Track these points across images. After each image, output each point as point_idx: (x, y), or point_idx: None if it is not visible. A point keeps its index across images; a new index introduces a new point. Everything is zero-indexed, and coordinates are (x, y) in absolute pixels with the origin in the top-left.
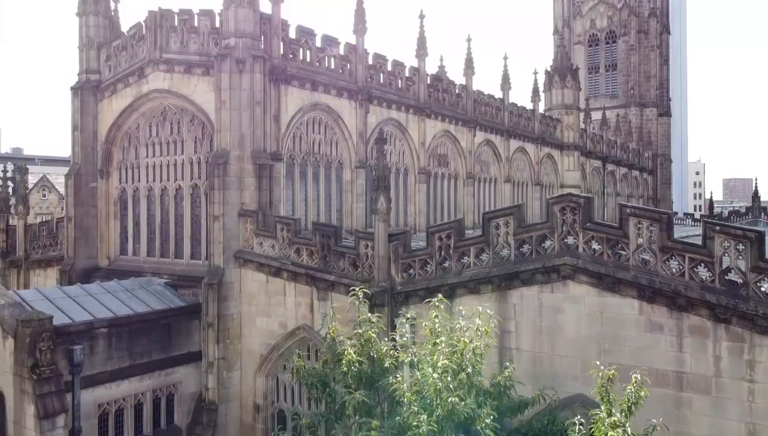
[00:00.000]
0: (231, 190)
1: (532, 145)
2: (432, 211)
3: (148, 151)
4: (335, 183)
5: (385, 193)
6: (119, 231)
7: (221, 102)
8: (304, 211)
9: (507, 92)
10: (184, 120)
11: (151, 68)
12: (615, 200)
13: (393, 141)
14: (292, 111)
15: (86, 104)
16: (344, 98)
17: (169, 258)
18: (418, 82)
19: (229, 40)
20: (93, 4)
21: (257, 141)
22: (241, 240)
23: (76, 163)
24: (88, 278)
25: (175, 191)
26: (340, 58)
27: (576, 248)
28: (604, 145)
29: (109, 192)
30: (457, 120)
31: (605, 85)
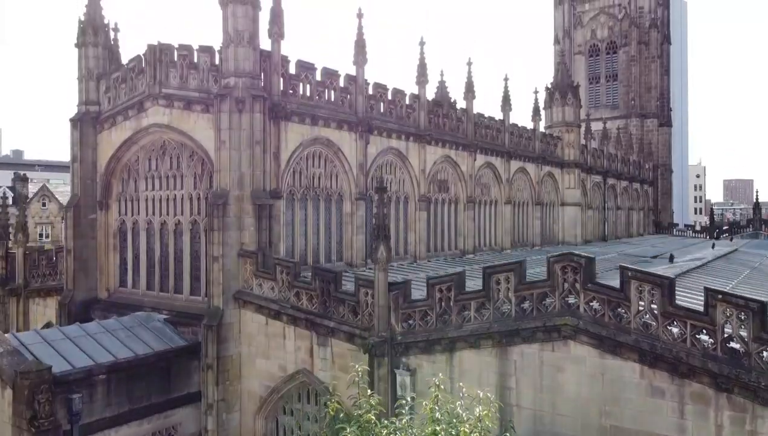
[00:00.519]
0: (230, 231)
1: (532, 164)
2: (432, 238)
3: (147, 185)
4: (335, 215)
5: (385, 243)
6: (119, 263)
7: (221, 142)
8: (304, 246)
9: (507, 113)
10: (184, 155)
11: (150, 102)
12: (616, 214)
13: (393, 170)
14: (292, 147)
15: (85, 136)
16: (344, 130)
17: (169, 293)
18: (419, 109)
19: (229, 79)
20: (92, 35)
21: (257, 180)
22: (240, 280)
23: (75, 194)
24: (88, 311)
25: (175, 226)
26: (340, 90)
27: (577, 308)
28: (604, 160)
29: (109, 224)
30: (457, 145)
31: (606, 95)
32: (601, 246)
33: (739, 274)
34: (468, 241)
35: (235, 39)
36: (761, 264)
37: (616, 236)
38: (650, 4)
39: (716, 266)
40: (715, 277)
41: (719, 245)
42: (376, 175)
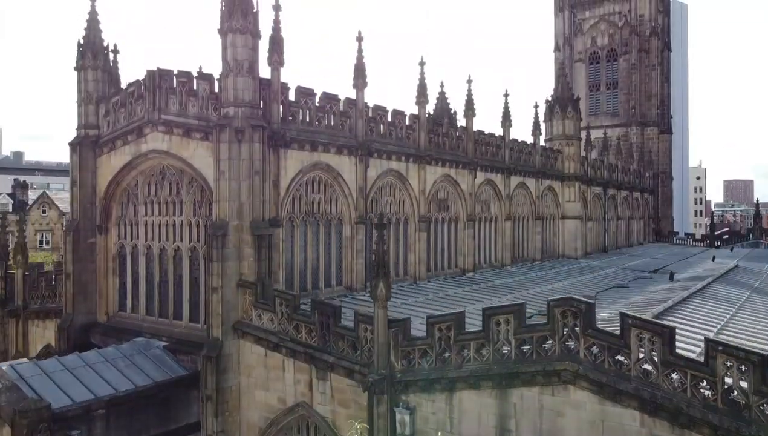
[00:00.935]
0: (229, 262)
1: (532, 179)
2: (432, 258)
3: (146, 210)
4: (335, 239)
5: (384, 280)
6: (118, 287)
7: (220, 172)
8: (304, 272)
9: (508, 129)
10: (183, 181)
11: (149, 128)
12: (616, 225)
13: (393, 191)
14: (291, 173)
15: (85, 160)
16: (344, 155)
17: (168, 319)
18: (419, 129)
19: (228, 109)
20: (92, 58)
21: (256, 210)
22: (239, 311)
23: (74, 218)
24: (87, 334)
25: (174, 252)
26: (339, 114)
27: (577, 353)
28: (605, 171)
29: (108, 248)
30: (457, 163)
31: (606, 103)
32: (601, 259)
33: (737, 300)
34: (468, 259)
35: (235, 68)
36: (761, 284)
37: (616, 246)
38: (650, 12)
39: (716, 291)
40: (716, 300)
41: (720, 255)
42: (376, 213)
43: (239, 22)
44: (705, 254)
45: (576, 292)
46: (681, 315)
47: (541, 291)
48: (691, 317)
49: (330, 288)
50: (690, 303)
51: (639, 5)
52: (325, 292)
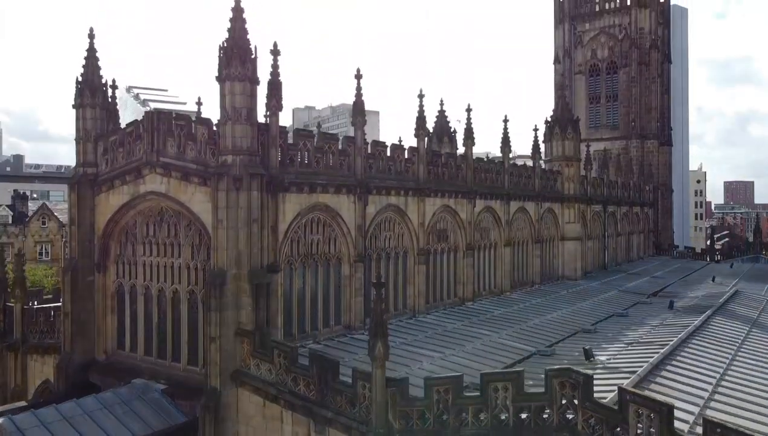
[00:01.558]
0: (228, 311)
1: (532, 203)
2: (431, 289)
3: (145, 250)
4: (333, 279)
5: (383, 340)
6: (116, 325)
7: (218, 220)
8: (303, 312)
9: (507, 155)
10: (182, 224)
11: (148, 170)
12: (616, 241)
13: (392, 226)
14: (289, 217)
15: (83, 199)
16: (342, 194)
17: (167, 360)
18: (417, 162)
19: (227, 157)
20: (90, 96)
21: (254, 258)
22: (238, 360)
23: (72, 257)
24: (85, 373)
25: (172, 294)
26: (338, 153)
27: (575, 425)
28: (604, 188)
29: (107, 286)
30: (456, 193)
31: (606, 115)
32: (601, 279)
33: (737, 340)
34: (467, 288)
35: (233, 116)
36: (760, 315)
37: (616, 263)
38: (650, 25)
39: (715, 329)
40: (715, 342)
41: (720, 272)
42: (375, 249)
43: (237, 69)
44: (705, 270)
45: (574, 322)
46: (679, 366)
47: (539, 323)
48: (689, 369)
49: (329, 328)
50: (688, 348)
51: (639, 18)
52: (324, 332)
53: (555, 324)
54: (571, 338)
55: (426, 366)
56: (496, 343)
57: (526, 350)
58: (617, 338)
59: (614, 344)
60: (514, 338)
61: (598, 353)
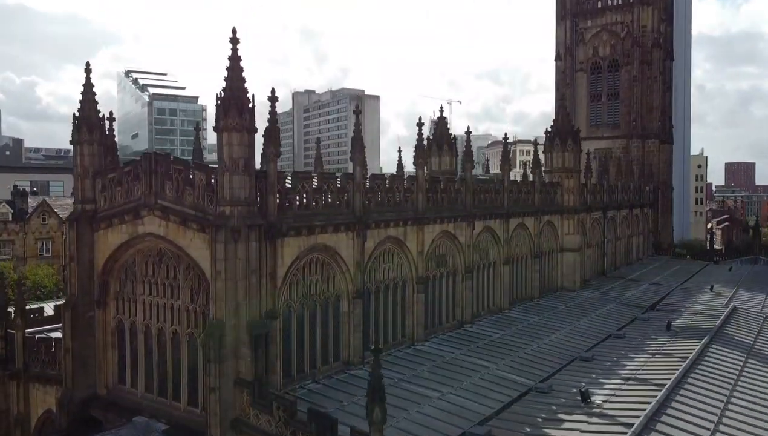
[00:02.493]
0: (227, 362)
1: (531, 218)
2: (430, 316)
3: (144, 289)
4: (332, 315)
5: (380, 405)
6: (117, 360)
7: (217, 271)
8: (301, 352)
9: (507, 173)
10: (180, 266)
11: (146, 211)
12: (615, 245)
13: (390, 257)
14: (288, 261)
15: (82, 236)
16: (341, 232)
17: (167, 399)
18: (417, 191)
19: (225, 208)
20: (87, 133)
21: (253, 309)
22: (237, 408)
23: (72, 294)
24: (87, 408)
25: (172, 335)
26: (337, 191)
27: None
28: (604, 195)
29: (107, 322)
30: (455, 218)
31: (607, 114)
32: (599, 289)
33: (734, 372)
34: (466, 311)
35: (231, 167)
36: (759, 335)
37: (615, 267)
38: (653, 23)
39: (712, 362)
40: (712, 382)
41: (718, 277)
42: (374, 282)
43: (235, 120)
44: (704, 273)
45: (571, 345)
46: (674, 417)
47: (537, 349)
48: (685, 419)
49: (328, 365)
50: (684, 391)
51: (642, 16)
52: (323, 370)
53: (552, 349)
54: (568, 368)
55: (425, 410)
56: (494, 376)
57: (524, 385)
58: (614, 370)
59: (611, 379)
60: (511, 368)
61: (594, 389)
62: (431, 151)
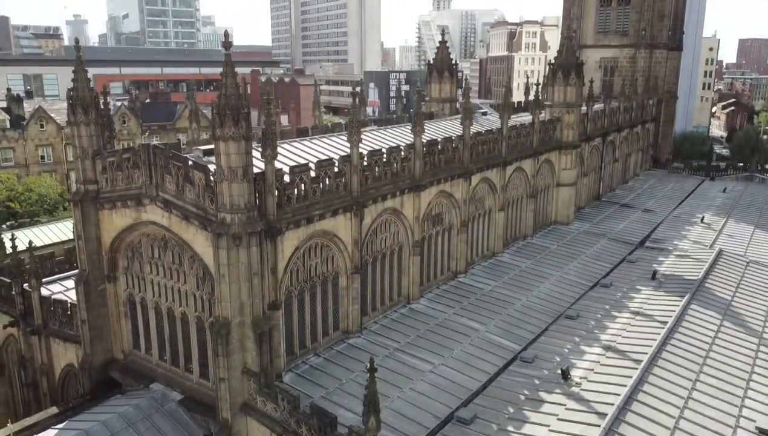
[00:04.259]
0: (234, 355)
1: (529, 160)
2: (425, 272)
3: (152, 269)
4: (331, 292)
5: (375, 416)
6: (130, 328)
7: (221, 275)
8: (303, 329)
9: (506, 122)
10: (185, 255)
11: (148, 200)
12: (613, 167)
13: (387, 227)
14: (288, 253)
15: (87, 215)
16: (339, 215)
17: (180, 370)
18: (414, 158)
19: (225, 215)
20: (83, 114)
21: (256, 307)
22: (246, 393)
23: (83, 270)
24: (106, 370)
25: (181, 315)
26: (334, 175)
27: None
28: (605, 120)
29: (118, 294)
30: (453, 176)
31: (617, 20)
32: (592, 220)
33: (707, 343)
34: (460, 262)
35: (229, 176)
36: (735, 294)
37: (611, 188)
38: None
39: (690, 330)
40: (687, 356)
41: (712, 199)
42: (371, 254)
43: (231, 130)
44: (697, 195)
45: (560, 298)
46: (646, 403)
47: (526, 305)
48: (655, 406)
49: (328, 337)
50: (656, 369)
51: None
52: (323, 342)
53: (540, 304)
54: (553, 328)
55: (417, 387)
56: (483, 341)
57: (510, 350)
58: (595, 334)
59: (592, 346)
60: (500, 329)
61: (575, 359)
62: (431, 77)
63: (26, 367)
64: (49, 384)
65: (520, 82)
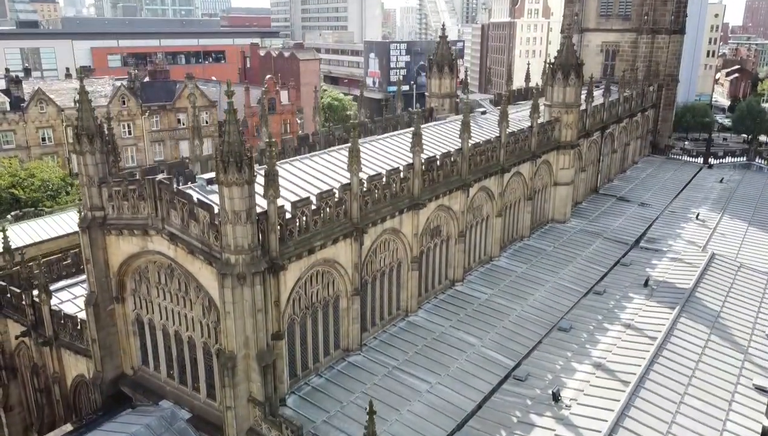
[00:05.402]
0: (240, 386)
1: (527, 163)
2: (423, 284)
3: (159, 294)
4: (332, 314)
5: None
6: (139, 346)
7: (226, 312)
8: (305, 350)
9: (504, 130)
10: (191, 285)
11: (154, 232)
12: (611, 158)
13: (387, 246)
14: (291, 284)
15: (95, 240)
16: (340, 242)
17: (188, 388)
18: (413, 178)
19: (229, 256)
20: (88, 143)
21: (260, 341)
22: (251, 419)
23: (92, 292)
24: (117, 384)
25: (188, 339)
26: (335, 205)
27: None
28: (604, 113)
29: (126, 314)
30: (451, 190)
31: (619, 4)
32: (588, 217)
33: (694, 360)
34: (458, 270)
35: (233, 219)
36: (724, 305)
37: (609, 180)
38: None
39: (678, 347)
40: (671, 377)
41: (708, 195)
42: (371, 274)
43: (234, 176)
44: (694, 186)
45: (553, 308)
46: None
47: (521, 315)
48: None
49: (329, 356)
50: (643, 392)
51: None
52: (324, 362)
53: (534, 314)
54: (546, 341)
55: (415, 408)
56: (479, 356)
57: (504, 366)
58: (587, 350)
59: (582, 363)
60: (495, 344)
61: (566, 377)
62: (431, 73)
63: (38, 374)
64: (61, 391)
65: (521, 49)
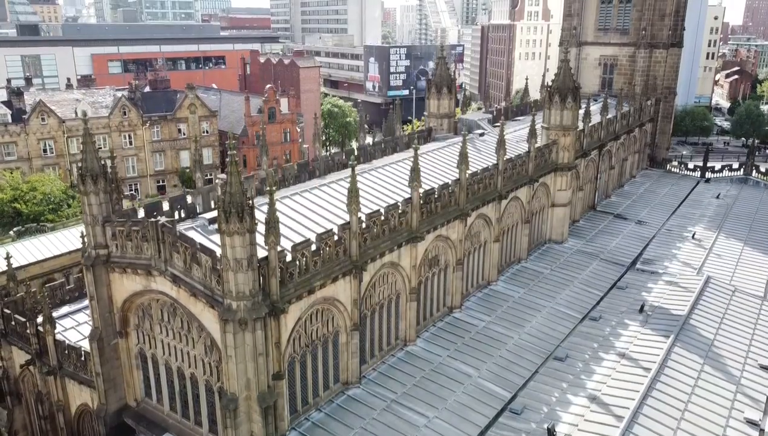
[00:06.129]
0: (242, 427)
1: (525, 188)
2: (421, 312)
3: (161, 330)
4: (332, 350)
5: None
6: (142, 378)
7: (228, 355)
8: (305, 387)
9: (502, 157)
10: (194, 325)
11: (157, 273)
12: (608, 174)
13: (385, 279)
14: (291, 325)
15: (99, 277)
16: (339, 280)
17: (190, 423)
18: (411, 211)
19: (231, 302)
20: (92, 184)
21: (262, 384)
22: None
23: (96, 327)
24: (120, 416)
25: (191, 375)
26: (334, 244)
27: None
28: (602, 131)
29: (130, 348)
30: (449, 220)
31: (617, 18)
32: (585, 236)
33: (687, 391)
34: (456, 297)
35: (235, 267)
36: (717, 335)
37: (606, 196)
38: None
39: (671, 379)
40: (666, 411)
41: (705, 210)
42: (370, 307)
43: (236, 225)
44: (690, 202)
45: (549, 336)
46: None
47: (517, 344)
48: None
49: (329, 390)
50: (636, 427)
51: None
52: (324, 396)
53: (530, 342)
54: (543, 371)
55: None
56: (476, 388)
57: (500, 399)
58: (581, 380)
59: (578, 395)
60: (491, 374)
61: (560, 410)
62: (431, 93)
63: (43, 401)
64: (65, 419)
65: (521, 51)
